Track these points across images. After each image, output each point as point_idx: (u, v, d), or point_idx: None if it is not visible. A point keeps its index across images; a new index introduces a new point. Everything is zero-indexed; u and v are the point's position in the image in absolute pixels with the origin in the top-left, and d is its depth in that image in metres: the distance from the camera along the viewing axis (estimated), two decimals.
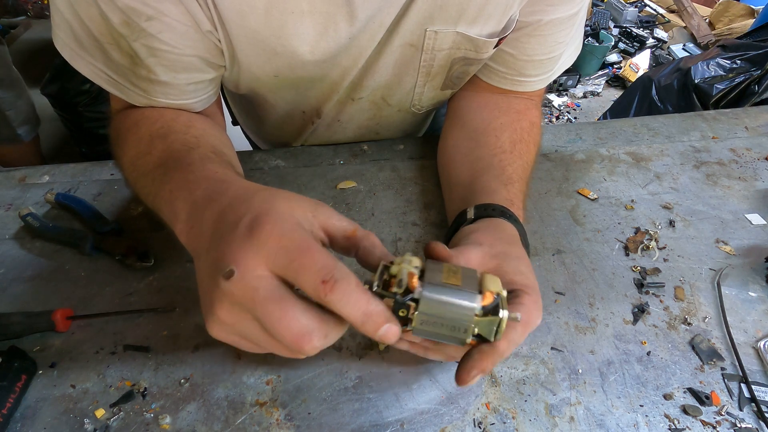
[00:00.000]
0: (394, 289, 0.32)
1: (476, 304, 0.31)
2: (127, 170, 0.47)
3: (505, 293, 0.33)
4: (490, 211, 0.45)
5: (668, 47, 2.91)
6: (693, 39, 2.85)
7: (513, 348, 0.36)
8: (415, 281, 0.31)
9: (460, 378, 0.35)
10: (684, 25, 2.97)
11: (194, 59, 0.46)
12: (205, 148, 0.44)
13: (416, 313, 0.31)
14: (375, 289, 0.31)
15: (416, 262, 0.33)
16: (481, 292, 0.32)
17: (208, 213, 0.33)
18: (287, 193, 0.33)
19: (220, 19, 0.43)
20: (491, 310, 0.32)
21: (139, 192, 0.45)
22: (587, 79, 2.77)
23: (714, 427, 0.42)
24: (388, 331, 0.29)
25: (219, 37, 0.45)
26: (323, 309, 0.29)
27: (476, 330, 0.33)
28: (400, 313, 0.31)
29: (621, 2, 3.19)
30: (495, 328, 0.33)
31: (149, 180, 0.42)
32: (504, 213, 0.45)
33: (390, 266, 0.33)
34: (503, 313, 0.32)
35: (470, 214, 0.46)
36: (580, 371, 0.46)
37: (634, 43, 2.97)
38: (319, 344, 0.29)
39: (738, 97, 1.62)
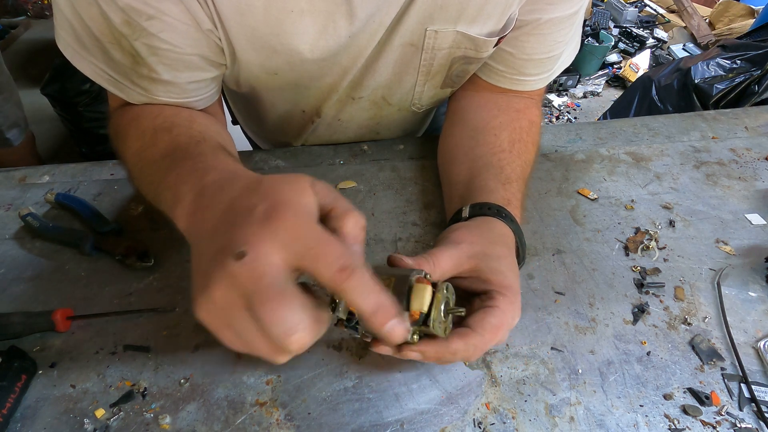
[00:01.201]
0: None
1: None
2: (131, 162, 0.47)
3: (442, 307, 0.36)
4: (485, 210, 0.45)
5: (668, 47, 2.91)
6: (693, 39, 2.85)
7: (479, 349, 0.38)
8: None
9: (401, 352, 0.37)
10: (684, 25, 2.97)
11: (195, 58, 0.46)
12: (212, 142, 0.44)
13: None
14: (339, 315, 0.34)
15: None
16: (408, 308, 0.35)
17: (217, 200, 0.33)
18: (293, 180, 0.32)
19: (220, 17, 0.43)
20: (422, 322, 0.35)
21: (143, 182, 0.45)
22: (587, 79, 2.77)
23: (714, 427, 0.42)
24: (395, 328, 0.29)
25: (219, 35, 0.45)
26: (318, 310, 0.29)
27: (417, 338, 0.36)
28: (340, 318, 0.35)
29: (621, 2, 3.19)
30: (434, 332, 0.36)
31: (155, 169, 0.42)
32: (499, 212, 0.45)
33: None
34: (434, 327, 0.35)
35: (465, 212, 0.46)
36: (580, 371, 0.46)
37: (634, 43, 2.97)
38: (304, 343, 0.28)
39: (738, 97, 1.62)
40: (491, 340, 0.38)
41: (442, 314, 0.36)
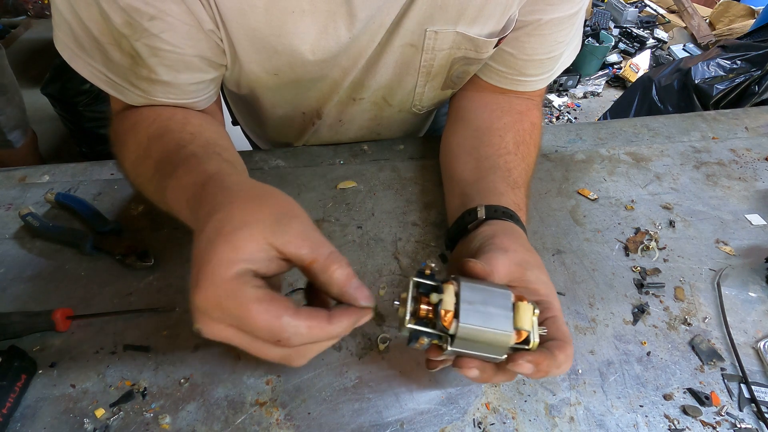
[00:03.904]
0: (425, 309, 0.33)
1: (510, 342, 0.33)
2: (131, 174, 0.49)
3: (536, 321, 0.35)
4: (500, 213, 0.45)
5: (668, 47, 2.91)
6: (693, 39, 2.85)
7: (572, 358, 0.37)
8: (450, 319, 0.32)
9: (514, 365, 0.35)
10: (684, 25, 2.97)
11: (196, 59, 0.46)
12: (197, 144, 0.44)
13: (449, 344, 0.33)
14: (409, 324, 0.32)
15: (451, 293, 0.33)
16: (515, 327, 0.33)
17: (196, 232, 0.33)
18: (247, 212, 0.31)
19: (221, 17, 0.43)
20: (522, 343, 0.34)
21: (150, 196, 0.47)
22: (587, 80, 2.77)
23: (714, 428, 0.42)
24: (359, 324, 0.32)
25: (221, 36, 0.45)
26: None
27: (505, 357, 0.34)
28: (434, 342, 0.33)
29: (621, 2, 3.19)
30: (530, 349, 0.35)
31: (153, 186, 0.44)
32: (512, 217, 0.45)
33: (421, 284, 0.34)
34: (532, 345, 0.34)
35: (481, 213, 0.46)
36: (580, 371, 0.46)
37: (635, 44, 2.97)
38: (303, 362, 0.32)
39: (738, 98, 1.62)
40: (571, 342, 0.37)
41: (536, 331, 0.35)
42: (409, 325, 0.32)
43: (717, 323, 0.50)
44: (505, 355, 0.34)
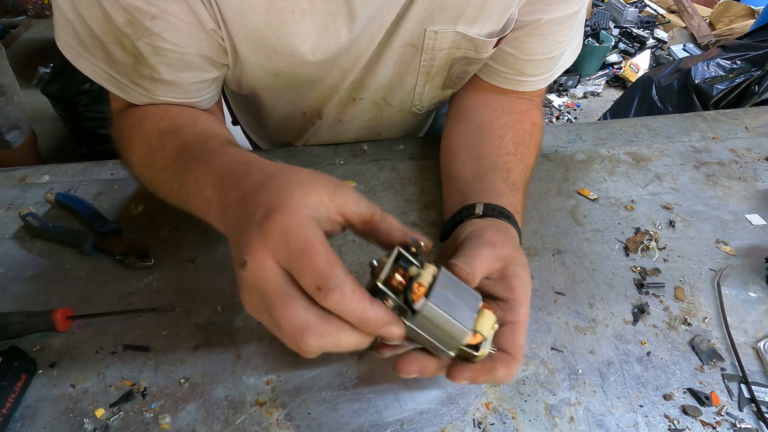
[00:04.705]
0: (397, 281, 0.32)
1: (465, 339, 0.33)
2: (139, 168, 0.47)
3: (492, 334, 0.35)
4: (498, 213, 0.45)
5: (668, 47, 2.91)
6: (693, 39, 2.85)
7: (514, 374, 0.37)
8: (420, 294, 0.32)
9: (452, 374, 0.36)
10: (684, 25, 2.97)
11: (197, 58, 0.46)
12: (220, 137, 0.44)
13: (409, 320, 0.32)
14: (379, 282, 0.32)
15: (430, 272, 0.33)
16: (475, 328, 0.34)
17: (232, 198, 0.34)
18: (305, 175, 0.33)
19: (223, 17, 0.43)
20: (474, 347, 0.34)
21: (158, 188, 0.45)
22: (587, 80, 2.77)
23: (714, 428, 0.42)
24: (387, 334, 0.31)
25: (222, 35, 0.46)
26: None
27: (454, 354, 0.34)
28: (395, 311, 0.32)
29: (621, 2, 3.19)
30: (470, 357, 0.35)
31: (169, 174, 0.43)
32: (510, 218, 0.45)
33: (403, 256, 0.34)
34: (480, 352, 0.34)
35: (479, 209, 0.46)
36: (580, 371, 0.46)
37: (635, 44, 2.97)
38: (314, 342, 0.29)
39: (738, 98, 1.62)
40: (522, 357, 0.38)
41: (489, 343, 0.35)
42: (380, 284, 0.32)
43: (717, 323, 0.50)
44: (453, 353, 0.34)
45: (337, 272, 0.29)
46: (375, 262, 0.34)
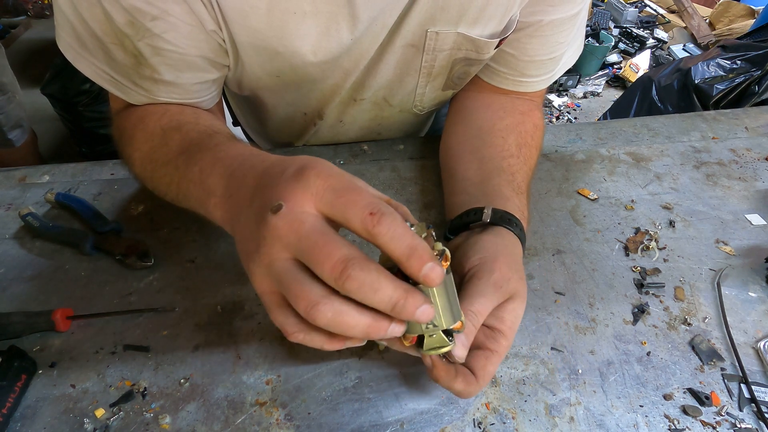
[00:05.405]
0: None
1: (457, 319, 0.34)
2: (142, 165, 0.47)
3: (455, 343, 0.36)
4: (506, 221, 0.45)
5: (668, 47, 2.91)
6: (693, 39, 2.85)
7: (474, 394, 0.39)
8: (446, 264, 0.32)
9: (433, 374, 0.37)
10: (684, 25, 2.97)
11: (198, 59, 0.46)
12: (224, 133, 0.44)
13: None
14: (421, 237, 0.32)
15: (440, 247, 0.33)
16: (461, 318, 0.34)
17: (250, 175, 0.34)
18: (314, 159, 0.34)
19: (224, 18, 0.43)
20: (450, 332, 0.35)
21: (158, 183, 0.45)
22: (587, 80, 2.77)
23: (714, 428, 0.42)
24: (432, 270, 0.28)
25: (223, 36, 0.45)
26: None
27: (432, 335, 0.34)
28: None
29: (621, 2, 3.19)
30: (437, 345, 0.35)
31: (171, 168, 0.42)
32: (517, 225, 0.45)
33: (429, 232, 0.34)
34: (452, 343, 0.35)
35: (487, 217, 0.45)
36: (580, 371, 0.46)
37: (635, 44, 2.97)
38: (352, 282, 0.27)
39: (738, 98, 1.62)
40: (485, 384, 0.38)
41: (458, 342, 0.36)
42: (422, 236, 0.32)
43: (717, 323, 0.50)
44: (435, 332, 0.34)
45: (385, 203, 0.29)
46: (412, 227, 0.33)
